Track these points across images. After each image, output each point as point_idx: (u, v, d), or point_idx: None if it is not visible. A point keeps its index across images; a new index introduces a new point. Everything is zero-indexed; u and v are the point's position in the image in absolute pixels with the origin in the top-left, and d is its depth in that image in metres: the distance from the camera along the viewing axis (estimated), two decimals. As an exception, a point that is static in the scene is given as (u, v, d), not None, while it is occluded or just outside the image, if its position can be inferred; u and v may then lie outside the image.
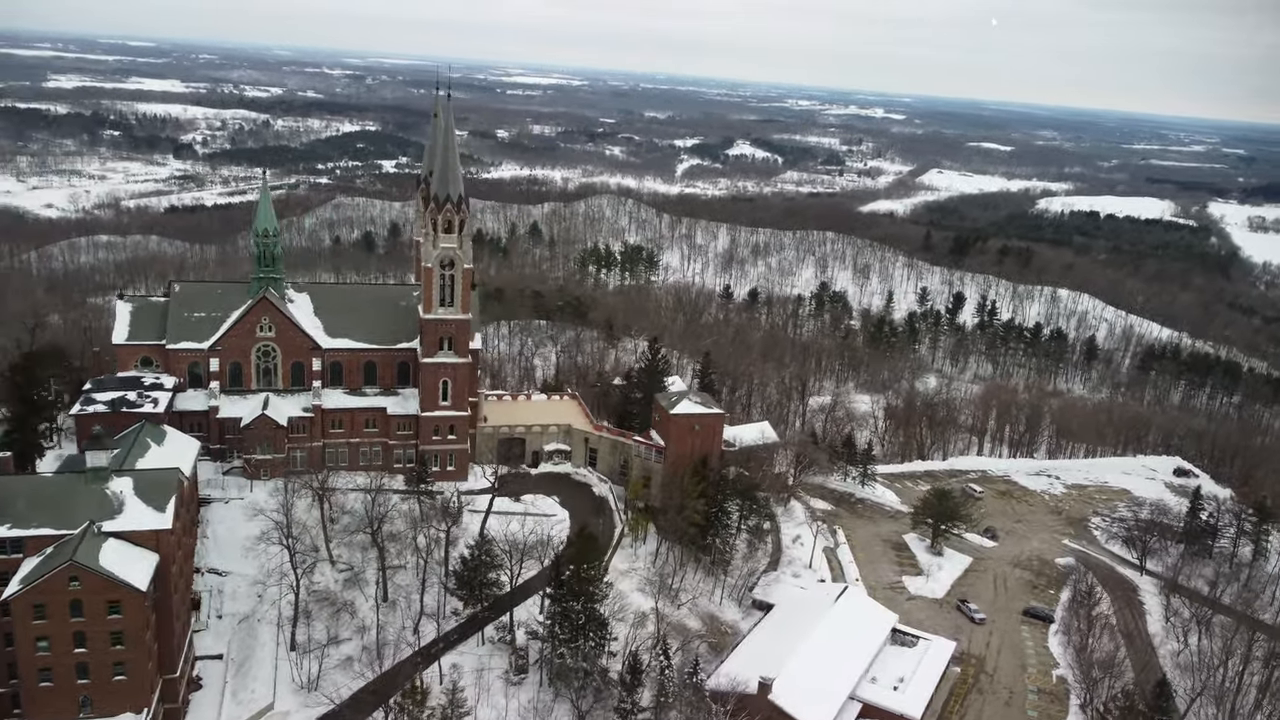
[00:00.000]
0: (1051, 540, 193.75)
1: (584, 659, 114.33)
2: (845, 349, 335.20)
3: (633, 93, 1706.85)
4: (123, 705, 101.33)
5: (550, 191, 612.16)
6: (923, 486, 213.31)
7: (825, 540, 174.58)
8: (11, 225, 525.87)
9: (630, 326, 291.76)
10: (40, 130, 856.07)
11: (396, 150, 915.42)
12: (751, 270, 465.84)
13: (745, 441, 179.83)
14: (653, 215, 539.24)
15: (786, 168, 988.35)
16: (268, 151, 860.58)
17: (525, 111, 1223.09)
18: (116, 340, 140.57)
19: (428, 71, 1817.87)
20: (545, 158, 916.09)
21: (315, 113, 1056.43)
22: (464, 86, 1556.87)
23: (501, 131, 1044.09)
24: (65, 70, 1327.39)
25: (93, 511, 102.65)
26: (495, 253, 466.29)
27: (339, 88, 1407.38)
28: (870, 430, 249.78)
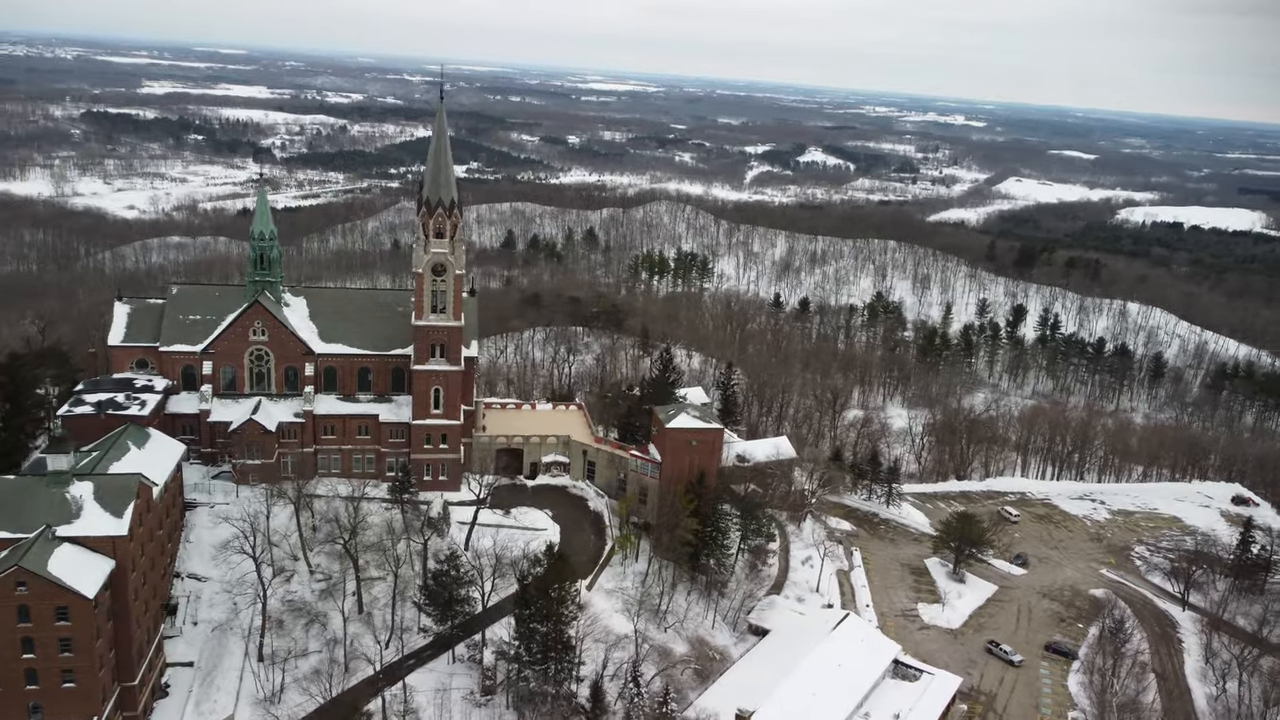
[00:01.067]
0: (1088, 569, 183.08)
1: (549, 682, 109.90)
2: (894, 362, 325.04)
3: (707, 99, 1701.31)
4: (72, 713, 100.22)
5: (609, 197, 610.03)
6: (956, 508, 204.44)
7: (839, 563, 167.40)
8: (92, 225, 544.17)
9: (667, 334, 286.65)
10: (129, 134, 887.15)
11: (468, 155, 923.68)
12: (807, 279, 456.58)
13: (757, 457, 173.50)
14: (710, 222, 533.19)
15: (858, 175, 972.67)
16: (343, 156, 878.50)
17: (598, 118, 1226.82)
18: (112, 341, 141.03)
19: (506, 78, 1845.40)
20: (614, 164, 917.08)
21: (391, 118, 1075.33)
22: (540, 93, 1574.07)
23: (572, 137, 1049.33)
24: (159, 77, 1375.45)
25: (50, 515, 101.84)
26: (550, 258, 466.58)
27: (418, 94, 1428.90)
28: (907, 447, 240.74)
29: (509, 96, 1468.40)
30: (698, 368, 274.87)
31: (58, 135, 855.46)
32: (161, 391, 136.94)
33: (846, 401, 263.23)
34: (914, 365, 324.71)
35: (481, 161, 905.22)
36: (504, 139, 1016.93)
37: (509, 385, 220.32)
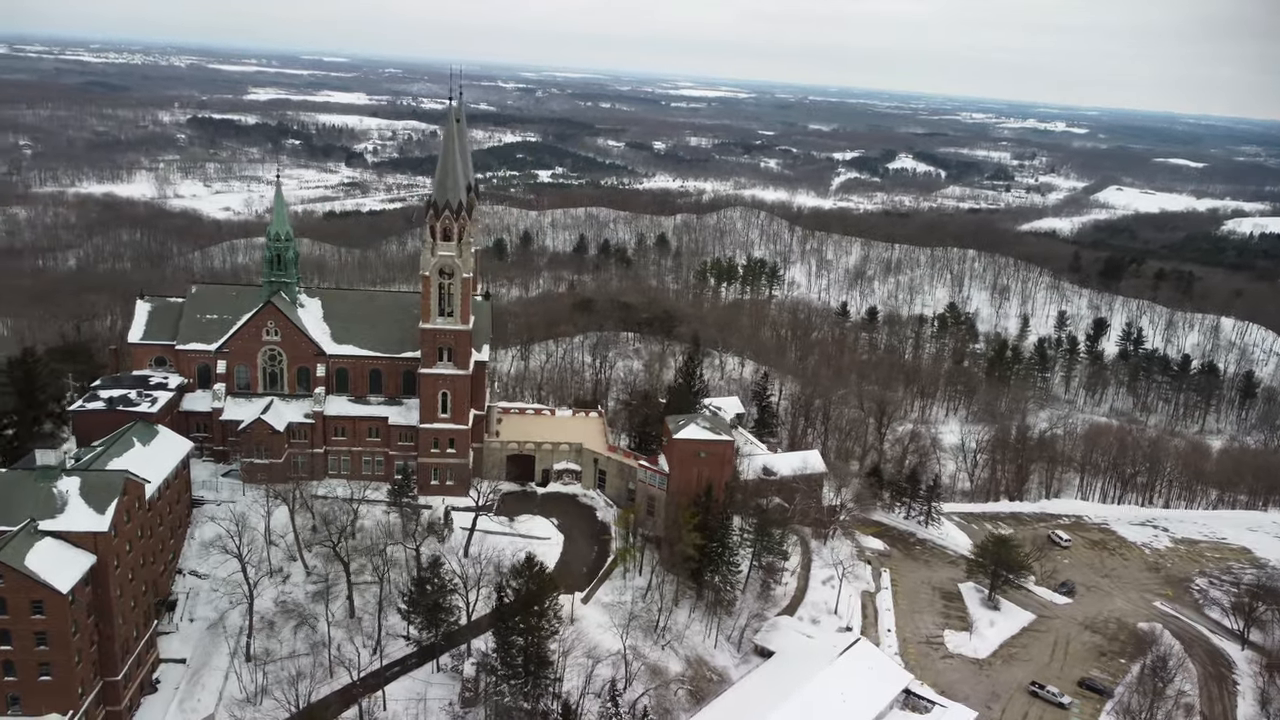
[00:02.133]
0: (1140, 601, 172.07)
1: (525, 698, 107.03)
2: (960, 375, 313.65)
3: (799, 105, 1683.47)
4: (49, 706, 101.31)
5: (684, 204, 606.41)
6: (1003, 530, 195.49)
7: (864, 584, 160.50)
8: (186, 226, 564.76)
9: (719, 341, 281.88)
10: (231, 139, 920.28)
11: (554, 160, 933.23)
12: (880, 288, 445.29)
13: (783, 471, 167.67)
14: (784, 229, 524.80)
15: (949, 182, 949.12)
16: (432, 160, 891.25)
17: (686, 124, 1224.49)
18: (132, 339, 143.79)
19: (598, 85, 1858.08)
20: (698, 170, 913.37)
21: (480, 124, 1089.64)
22: (631, 99, 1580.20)
23: (658, 143, 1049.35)
24: (264, 84, 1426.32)
25: (36, 509, 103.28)
26: (620, 263, 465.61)
27: (510, 100, 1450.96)
28: (960, 464, 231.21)
29: (599, 103, 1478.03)
30: (747, 377, 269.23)
31: (164, 140, 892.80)
32: (175, 389, 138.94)
33: (900, 415, 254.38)
34: (981, 379, 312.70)
35: (567, 167, 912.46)
36: (590, 144, 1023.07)
37: (540, 390, 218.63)
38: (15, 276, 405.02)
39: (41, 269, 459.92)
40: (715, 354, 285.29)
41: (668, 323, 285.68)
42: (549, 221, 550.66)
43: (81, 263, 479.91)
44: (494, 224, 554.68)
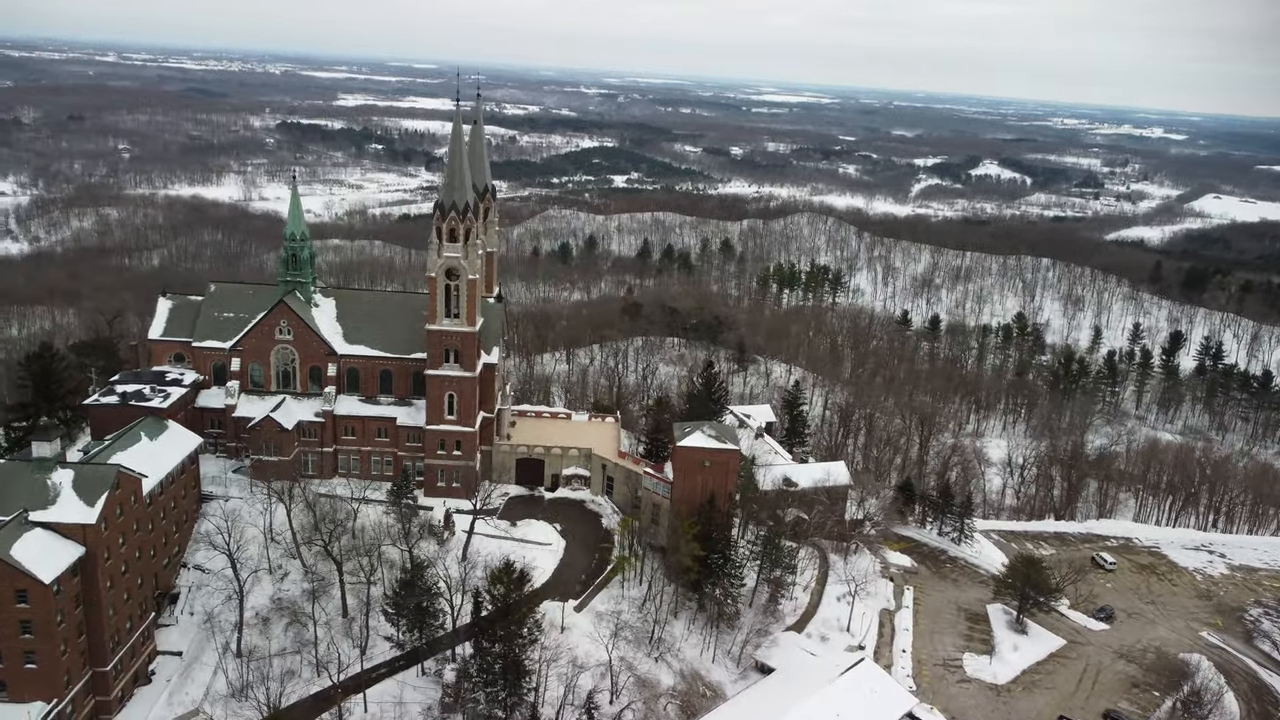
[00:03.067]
0: (1185, 630, 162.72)
1: (499, 706, 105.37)
2: (1021, 387, 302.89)
3: (883, 111, 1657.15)
4: (34, 693, 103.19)
5: (751, 209, 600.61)
6: (1045, 550, 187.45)
7: (884, 602, 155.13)
8: (265, 227, 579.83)
9: (766, 348, 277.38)
10: (317, 143, 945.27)
11: (629, 165, 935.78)
12: (947, 296, 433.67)
13: (803, 482, 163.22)
14: (851, 235, 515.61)
15: (1035, 189, 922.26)
16: (509, 165, 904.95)
17: (765, 130, 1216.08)
18: (152, 335, 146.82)
19: (680, 90, 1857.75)
20: (775, 175, 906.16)
21: (560, 129, 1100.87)
22: (711, 105, 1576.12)
23: (735, 149, 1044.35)
24: (354, 90, 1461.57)
25: (29, 500, 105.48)
26: (682, 268, 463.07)
27: (591, 106, 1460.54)
28: (1006, 480, 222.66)
29: (680, 108, 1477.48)
30: (788, 379, 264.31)
31: (254, 144, 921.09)
32: (189, 386, 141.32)
33: (951, 427, 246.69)
34: (1044, 392, 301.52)
35: (642, 172, 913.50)
36: (667, 150, 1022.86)
37: (567, 394, 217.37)
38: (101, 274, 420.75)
39: (127, 267, 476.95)
40: (761, 360, 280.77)
41: (714, 328, 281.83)
42: (615, 226, 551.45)
43: (164, 262, 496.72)
44: (561, 228, 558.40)
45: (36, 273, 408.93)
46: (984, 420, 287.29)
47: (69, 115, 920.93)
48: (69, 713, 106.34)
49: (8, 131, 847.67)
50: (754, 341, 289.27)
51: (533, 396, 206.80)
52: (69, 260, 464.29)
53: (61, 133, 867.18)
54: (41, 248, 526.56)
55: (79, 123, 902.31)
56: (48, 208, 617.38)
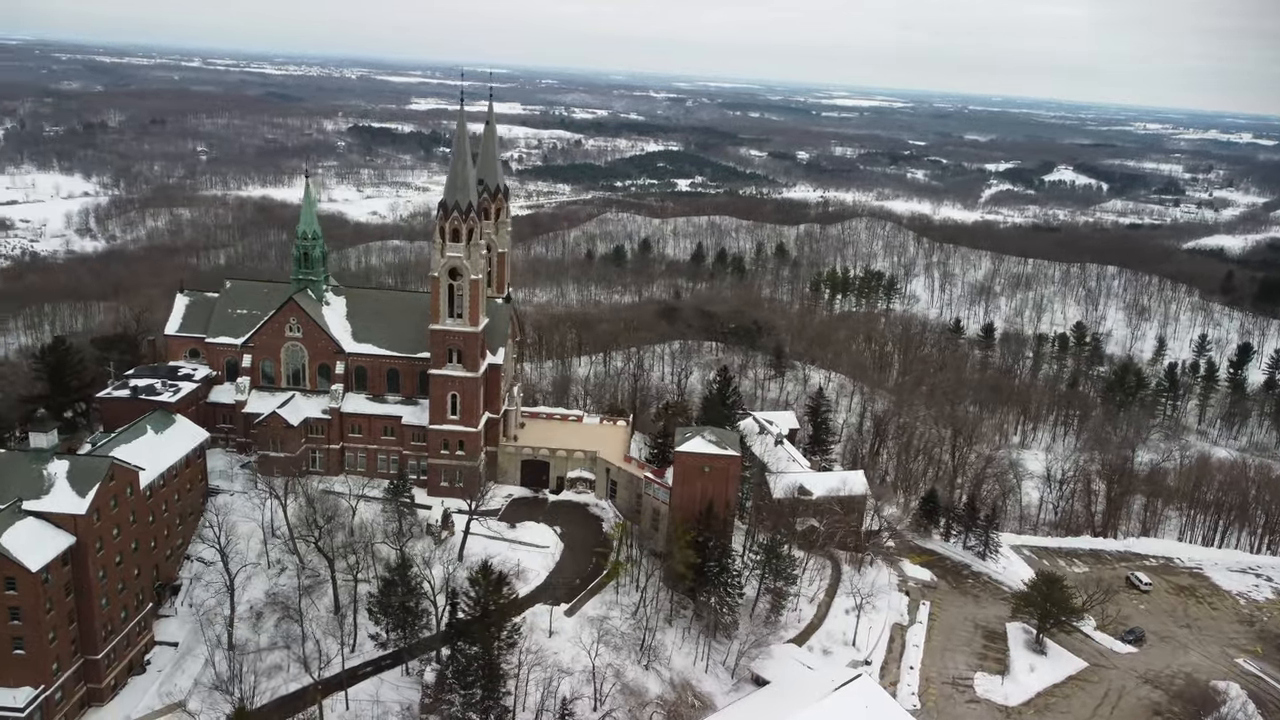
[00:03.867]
0: (1221, 656, 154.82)
1: (474, 709, 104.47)
2: (1074, 398, 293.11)
3: (956, 115, 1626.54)
4: (22, 679, 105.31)
5: (808, 213, 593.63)
6: (1078, 568, 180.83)
7: (898, 616, 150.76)
8: (330, 228, 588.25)
9: (804, 354, 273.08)
10: (387, 146, 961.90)
11: (693, 169, 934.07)
12: (1006, 304, 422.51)
13: (817, 491, 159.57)
14: (910, 240, 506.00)
15: (1110, 196, 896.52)
16: (574, 169, 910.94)
17: (833, 134, 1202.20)
18: (168, 331, 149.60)
19: (749, 94, 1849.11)
20: (841, 180, 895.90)
21: (626, 133, 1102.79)
22: (781, 109, 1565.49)
23: (802, 153, 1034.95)
24: (427, 95, 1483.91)
25: (24, 489, 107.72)
26: (735, 272, 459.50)
27: (659, 110, 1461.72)
28: (1046, 493, 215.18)
29: (748, 113, 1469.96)
30: (832, 394, 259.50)
31: (325, 147, 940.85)
32: (200, 381, 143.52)
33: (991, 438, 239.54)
34: (1097, 403, 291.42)
35: (706, 176, 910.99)
36: (732, 154, 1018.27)
37: (586, 397, 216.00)
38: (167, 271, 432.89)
39: (194, 265, 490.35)
40: (799, 367, 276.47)
41: (752, 333, 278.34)
42: (670, 229, 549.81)
43: (230, 260, 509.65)
44: (617, 231, 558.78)
45: (104, 270, 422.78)
46: (1033, 432, 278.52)
47: (152, 119, 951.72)
48: (58, 699, 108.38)
49: (94, 134, 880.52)
50: (795, 347, 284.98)
51: (561, 399, 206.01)
52: (138, 258, 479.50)
53: (144, 135, 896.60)
54: (115, 246, 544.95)
55: (160, 126, 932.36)
56: (125, 207, 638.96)
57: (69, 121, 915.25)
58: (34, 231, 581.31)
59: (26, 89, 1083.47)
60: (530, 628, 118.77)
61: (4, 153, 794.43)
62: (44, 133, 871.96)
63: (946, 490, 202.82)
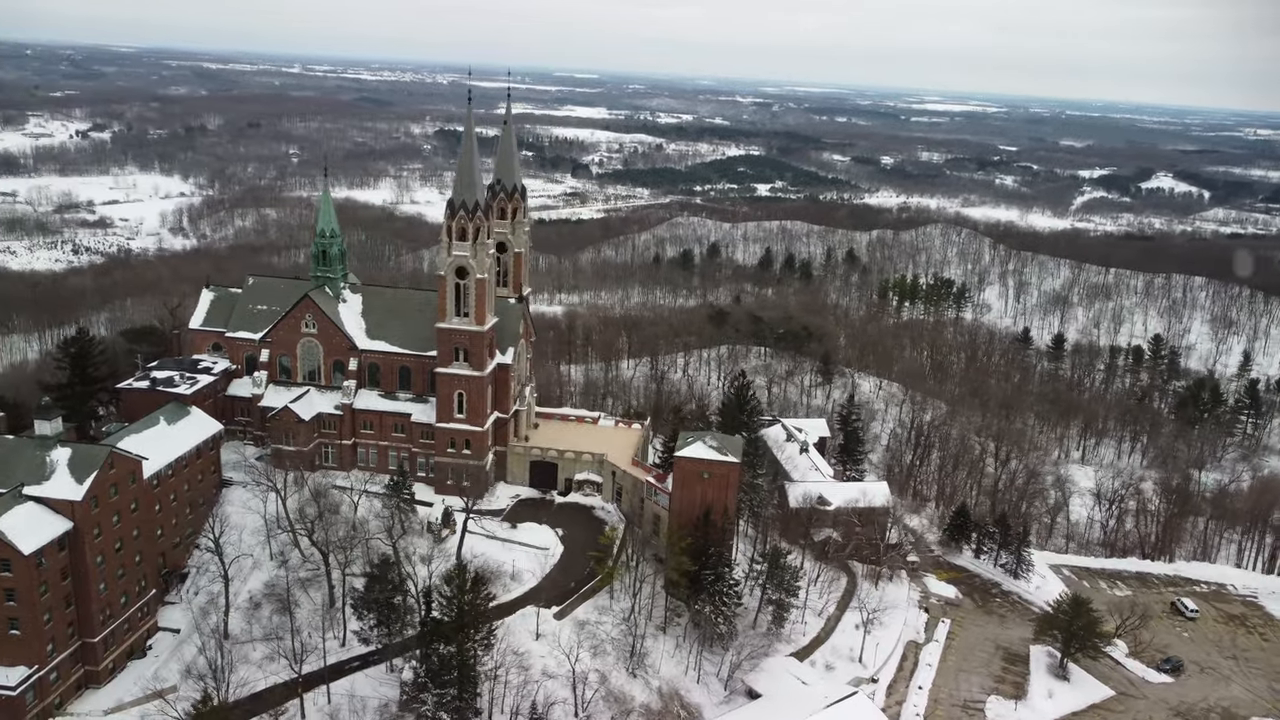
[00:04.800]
0: (1266, 690, 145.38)
1: (444, 709, 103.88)
2: (1143, 413, 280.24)
3: (1052, 120, 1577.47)
4: (17, 658, 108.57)
5: (882, 219, 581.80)
6: (1120, 591, 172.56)
7: (914, 633, 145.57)
8: (406, 229, 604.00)
9: (852, 361, 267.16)
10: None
11: (774, 174, 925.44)
12: (1082, 314, 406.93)
13: (836, 501, 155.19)
14: (985, 247, 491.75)
15: (1213, 204, 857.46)
16: (654, 173, 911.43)
17: (921, 139, 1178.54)
18: (192, 325, 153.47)
19: (837, 99, 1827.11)
20: (925, 186, 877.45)
21: (708, 137, 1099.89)
22: (869, 114, 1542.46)
23: (886, 158, 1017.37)
24: (514, 99, 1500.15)
25: (27, 475, 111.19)
26: (803, 278, 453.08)
27: (745, 114, 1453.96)
28: (1092, 510, 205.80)
29: (835, 117, 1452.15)
30: (882, 402, 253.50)
31: (411, 150, 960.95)
32: (218, 374, 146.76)
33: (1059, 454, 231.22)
34: (1168, 419, 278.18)
35: (787, 180, 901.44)
36: (814, 159, 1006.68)
37: (614, 400, 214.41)
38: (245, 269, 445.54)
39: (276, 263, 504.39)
40: (849, 373, 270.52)
41: (800, 338, 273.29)
42: (741, 234, 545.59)
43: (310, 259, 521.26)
44: (687, 235, 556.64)
45: (187, 266, 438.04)
46: (1096, 448, 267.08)
47: (248, 123, 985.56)
48: (53, 679, 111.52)
49: (193, 138, 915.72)
50: (848, 354, 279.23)
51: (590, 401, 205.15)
52: (223, 256, 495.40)
53: (240, 138, 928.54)
54: (205, 244, 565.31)
55: (256, 129, 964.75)
56: (216, 207, 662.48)
57: (172, 125, 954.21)
58: (131, 229, 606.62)
59: (136, 94, 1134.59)
60: (513, 630, 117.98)
61: (110, 154, 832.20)
62: (148, 136, 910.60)
63: (987, 505, 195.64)
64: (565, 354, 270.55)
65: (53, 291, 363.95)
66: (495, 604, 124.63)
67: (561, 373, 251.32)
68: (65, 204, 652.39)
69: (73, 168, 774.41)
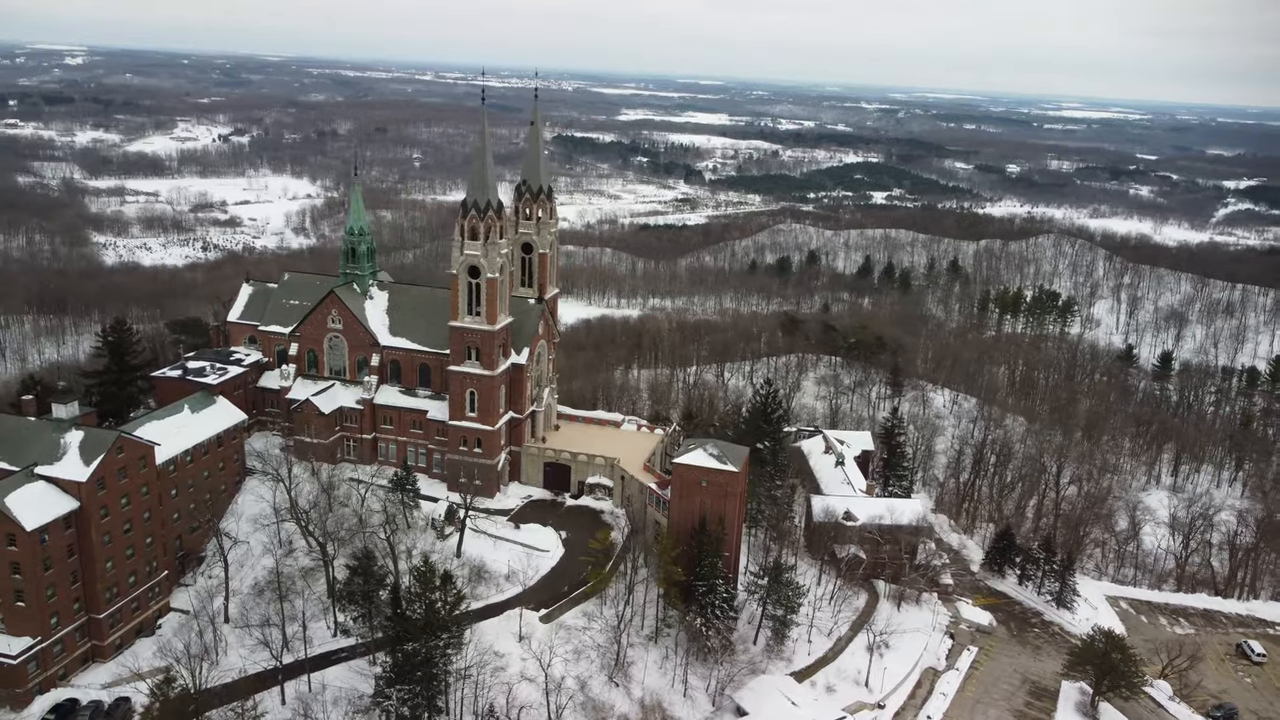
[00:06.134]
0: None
1: (406, 705, 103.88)
2: (1249, 439, 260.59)
3: (1200, 128, 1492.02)
4: (24, 630, 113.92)
5: (991, 228, 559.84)
6: (1182, 628, 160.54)
7: (933, 659, 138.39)
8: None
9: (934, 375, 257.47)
10: (587, 155, 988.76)
11: (891, 181, 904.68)
12: (1199, 332, 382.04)
13: (861, 517, 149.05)
14: (1099, 260, 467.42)
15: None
16: (767, 179, 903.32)
17: (1052, 147, 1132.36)
18: (231, 318, 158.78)
19: (968, 105, 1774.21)
20: (1052, 195, 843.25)
21: (825, 144, 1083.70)
22: (1000, 120, 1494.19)
23: (1012, 166, 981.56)
24: (636, 106, 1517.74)
25: (41, 455, 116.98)
26: (901, 287, 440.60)
27: (869, 121, 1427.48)
28: (1162, 539, 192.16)
29: (964, 124, 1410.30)
30: (953, 419, 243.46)
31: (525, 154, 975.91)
32: (247, 366, 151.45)
33: (1148, 480, 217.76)
34: (1276, 447, 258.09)
35: (905, 188, 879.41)
36: (936, 166, 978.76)
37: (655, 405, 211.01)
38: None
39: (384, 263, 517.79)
40: (922, 386, 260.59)
41: (872, 349, 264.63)
42: (843, 241, 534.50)
43: (416, 260, 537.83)
44: (788, 242, 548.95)
45: (293, 264, 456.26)
46: (1192, 475, 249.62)
47: (376, 128, 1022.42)
48: (57, 651, 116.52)
49: (324, 142, 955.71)
50: (925, 367, 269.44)
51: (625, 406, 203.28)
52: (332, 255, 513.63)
53: (368, 143, 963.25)
54: (323, 243, 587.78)
55: (383, 134, 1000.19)
56: (337, 209, 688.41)
57: (305, 130, 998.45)
58: (257, 229, 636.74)
59: (276, 100, 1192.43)
60: (497, 631, 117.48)
61: (247, 157, 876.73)
62: (283, 140, 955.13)
63: (1047, 529, 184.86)
64: (634, 359, 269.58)
65: (168, 285, 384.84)
66: (485, 604, 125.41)
67: (629, 377, 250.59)
68: (201, 204, 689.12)
69: (212, 170, 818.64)
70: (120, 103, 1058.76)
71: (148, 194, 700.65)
